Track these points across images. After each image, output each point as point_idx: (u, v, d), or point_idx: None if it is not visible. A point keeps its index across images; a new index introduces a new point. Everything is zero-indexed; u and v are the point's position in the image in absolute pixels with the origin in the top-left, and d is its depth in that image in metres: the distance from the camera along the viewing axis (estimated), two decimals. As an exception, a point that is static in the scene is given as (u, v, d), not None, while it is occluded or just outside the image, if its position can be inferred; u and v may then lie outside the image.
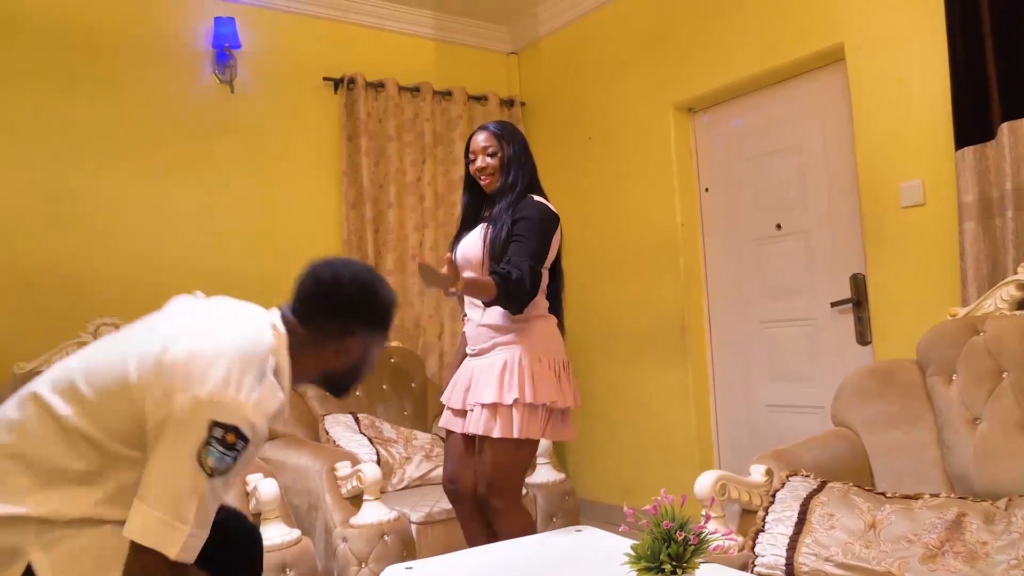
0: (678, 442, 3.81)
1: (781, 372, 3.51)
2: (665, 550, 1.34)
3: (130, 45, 3.59)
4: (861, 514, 1.85)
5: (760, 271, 3.58)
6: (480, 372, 2.36)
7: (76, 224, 3.42)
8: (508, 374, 2.29)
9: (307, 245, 4.01)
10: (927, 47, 2.79)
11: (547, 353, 2.36)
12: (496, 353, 2.35)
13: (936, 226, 2.80)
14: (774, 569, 1.85)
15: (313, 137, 4.08)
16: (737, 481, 2.05)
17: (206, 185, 3.74)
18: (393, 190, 4.16)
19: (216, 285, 3.68)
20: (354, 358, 1.70)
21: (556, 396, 2.32)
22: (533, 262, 2.26)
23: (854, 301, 3.17)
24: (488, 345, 2.38)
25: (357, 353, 1.69)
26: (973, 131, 2.60)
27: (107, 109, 3.52)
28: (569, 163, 4.44)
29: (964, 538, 1.71)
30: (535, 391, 2.27)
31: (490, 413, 2.29)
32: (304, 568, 2.39)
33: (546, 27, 4.54)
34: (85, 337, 2.97)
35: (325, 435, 3.25)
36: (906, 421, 2.26)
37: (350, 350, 1.68)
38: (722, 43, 3.53)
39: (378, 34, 4.33)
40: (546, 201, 2.45)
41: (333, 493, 2.75)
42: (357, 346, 1.69)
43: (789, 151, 3.44)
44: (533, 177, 2.51)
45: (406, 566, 1.84)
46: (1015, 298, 2.25)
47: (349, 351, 1.68)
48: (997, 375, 2.12)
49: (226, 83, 3.81)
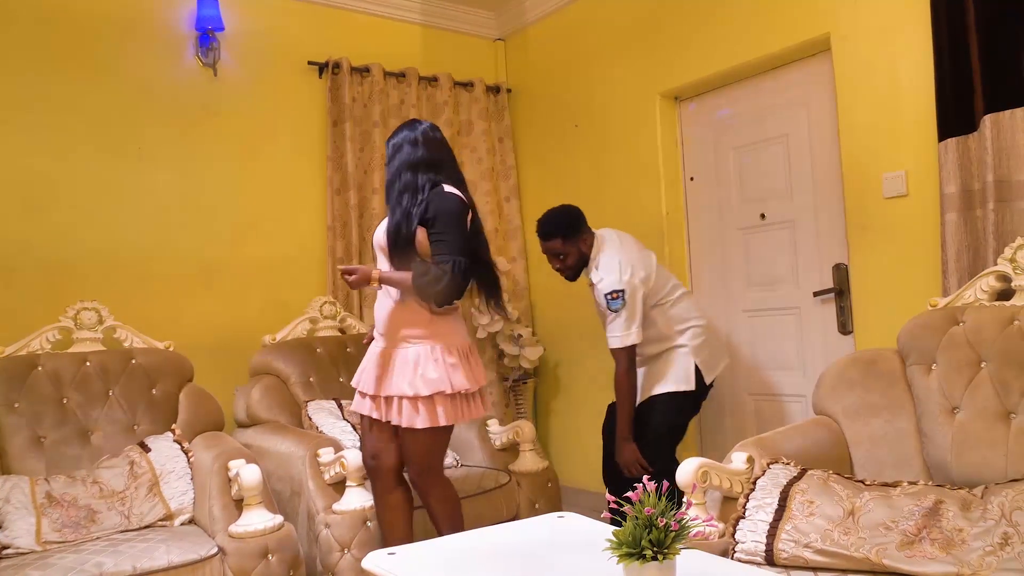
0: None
1: (764, 361, 3.53)
2: (646, 536, 1.35)
3: (111, 26, 3.54)
4: (840, 501, 1.87)
5: (744, 260, 3.60)
6: (396, 363, 2.49)
7: (56, 208, 3.37)
8: (424, 366, 2.45)
9: (290, 230, 3.99)
10: (912, 39, 2.80)
11: (456, 343, 2.52)
12: (412, 346, 2.49)
13: (918, 217, 2.82)
14: (754, 555, 1.87)
15: (297, 122, 4.05)
16: (719, 468, 2.07)
17: (188, 169, 3.70)
18: (378, 176, 4.13)
19: (198, 269, 3.69)
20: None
21: (469, 383, 2.50)
22: (459, 257, 2.40)
23: (836, 291, 3.19)
24: (401, 335, 2.50)
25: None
26: (956, 123, 2.62)
27: (87, 91, 3.47)
28: (555, 150, 4.43)
29: (941, 525, 1.73)
30: (451, 381, 2.45)
31: (411, 406, 2.45)
32: (286, 554, 2.39)
33: (533, 14, 4.52)
34: (65, 322, 2.94)
35: (308, 421, 3.24)
36: (886, 410, 2.28)
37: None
38: (709, 32, 3.53)
39: (364, 18, 4.29)
40: (455, 190, 2.51)
41: (316, 479, 2.74)
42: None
43: (774, 141, 3.45)
44: (438, 165, 2.55)
45: (388, 552, 1.84)
46: (995, 289, 2.27)
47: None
48: (976, 365, 2.15)
49: (209, 66, 3.77)
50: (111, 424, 2.82)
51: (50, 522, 2.36)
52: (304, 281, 3.98)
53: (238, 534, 2.35)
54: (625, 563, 1.37)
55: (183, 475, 2.63)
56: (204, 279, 3.72)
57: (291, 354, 3.46)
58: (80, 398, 2.81)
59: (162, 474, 2.61)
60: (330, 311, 3.72)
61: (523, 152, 4.69)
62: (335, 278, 3.99)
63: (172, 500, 2.57)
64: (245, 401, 3.31)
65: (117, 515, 2.47)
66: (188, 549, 2.28)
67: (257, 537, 2.35)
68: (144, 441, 2.72)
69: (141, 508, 2.51)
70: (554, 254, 3.11)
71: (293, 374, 3.40)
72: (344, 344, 3.63)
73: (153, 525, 2.51)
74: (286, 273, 3.94)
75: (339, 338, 3.66)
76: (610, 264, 3.01)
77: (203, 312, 3.68)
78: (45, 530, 2.33)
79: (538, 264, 4.52)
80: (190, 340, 3.44)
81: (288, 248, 3.97)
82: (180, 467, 2.65)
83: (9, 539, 2.29)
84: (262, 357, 3.46)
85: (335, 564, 2.58)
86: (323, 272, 4.05)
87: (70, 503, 2.43)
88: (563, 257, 3.10)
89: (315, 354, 3.51)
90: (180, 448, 2.71)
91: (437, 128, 2.63)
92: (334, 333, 3.70)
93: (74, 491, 2.47)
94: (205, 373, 3.24)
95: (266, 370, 3.43)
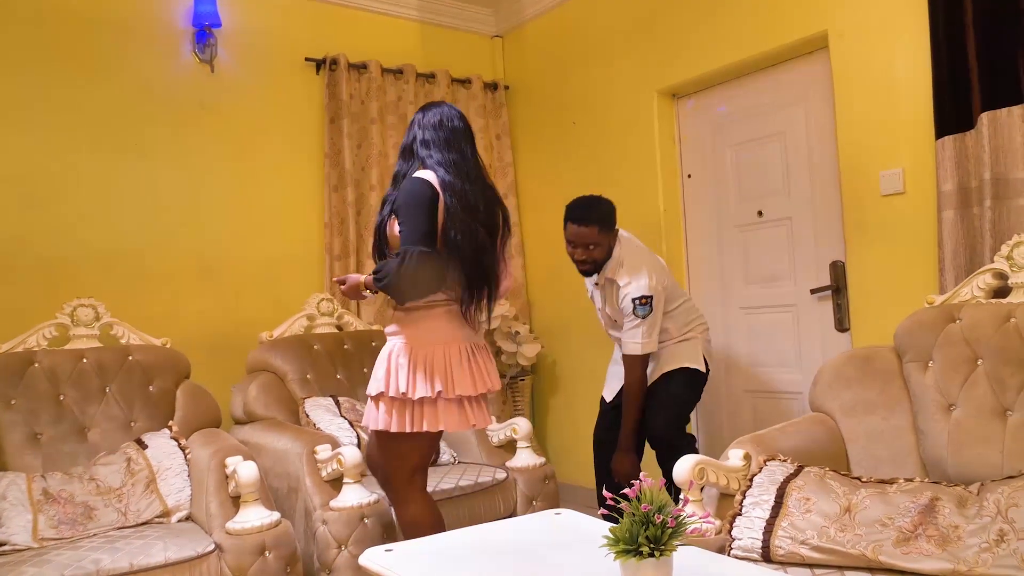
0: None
1: (761, 358, 3.54)
2: (643, 533, 1.35)
3: (107, 23, 3.53)
4: (837, 498, 1.87)
5: (741, 258, 3.60)
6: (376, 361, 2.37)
7: (52, 205, 3.36)
8: (388, 365, 2.28)
9: (288, 227, 3.98)
10: (910, 36, 2.80)
11: (432, 343, 2.28)
12: (388, 342, 2.36)
13: (915, 214, 2.82)
14: (750, 552, 1.87)
15: (295, 118, 4.04)
16: (716, 465, 2.07)
17: (185, 165, 3.70)
18: (375, 173, 4.13)
19: (196, 266, 3.69)
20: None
21: (418, 389, 2.23)
22: (413, 247, 2.16)
23: (833, 288, 3.19)
24: (386, 331, 2.41)
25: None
26: (953, 120, 2.62)
27: (84, 88, 3.46)
28: (552, 148, 4.43)
29: (937, 522, 1.73)
30: (394, 384, 2.25)
31: (373, 404, 2.32)
32: (283, 550, 2.39)
33: (531, 10, 4.51)
34: (62, 318, 2.93)
35: (305, 418, 3.24)
36: (883, 407, 2.28)
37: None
38: (707, 29, 3.53)
39: (361, 15, 4.28)
40: (423, 174, 2.28)
41: (313, 476, 2.74)
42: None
43: (772, 138, 3.45)
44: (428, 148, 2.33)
45: (386, 548, 1.84)
46: (991, 286, 2.27)
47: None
48: (972, 362, 2.15)
49: (206, 62, 3.76)
50: (108, 421, 2.82)
51: (47, 519, 2.36)
52: (301, 278, 3.98)
53: (235, 531, 2.35)
54: (622, 560, 1.37)
55: (180, 472, 2.63)
56: (201, 276, 3.71)
57: (288, 351, 3.45)
58: (77, 395, 2.80)
59: (159, 471, 2.60)
60: (327, 308, 3.72)
61: (520, 149, 4.69)
62: (332, 274, 3.99)
63: (169, 497, 2.57)
64: (242, 398, 3.31)
65: (114, 512, 2.46)
66: (185, 546, 2.27)
67: (254, 534, 2.35)
68: (141, 438, 2.72)
69: (138, 505, 2.51)
70: (584, 243, 2.94)
71: (290, 371, 3.40)
72: (342, 341, 3.63)
73: (150, 522, 2.51)
74: (283, 270, 3.94)
75: (336, 335, 3.66)
76: (639, 268, 2.93)
77: (200, 309, 3.68)
78: (42, 527, 2.33)
79: (536, 260, 4.52)
80: (187, 337, 3.44)
81: (285, 245, 3.96)
82: (177, 464, 2.65)
83: (6, 536, 2.28)
84: (259, 354, 3.45)
85: (332, 561, 2.58)
86: (321, 269, 4.04)
87: (67, 500, 2.43)
88: (592, 248, 2.94)
89: (312, 351, 3.51)
90: (177, 445, 2.71)
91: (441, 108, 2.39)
92: (331, 330, 3.69)
93: (71, 488, 2.47)
94: (202, 370, 3.24)
95: (263, 367, 3.42)
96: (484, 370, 2.37)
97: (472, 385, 2.32)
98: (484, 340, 2.48)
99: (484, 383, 2.36)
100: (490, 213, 2.37)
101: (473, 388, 2.32)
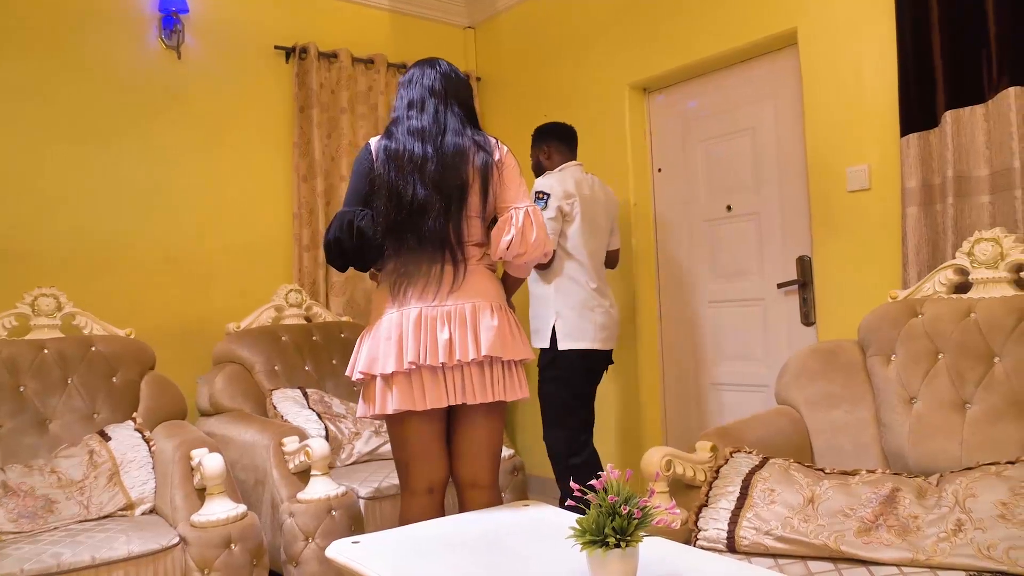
0: (627, 419, 3.86)
1: (728, 351, 3.57)
2: (610, 524, 1.36)
3: (71, 7, 3.45)
4: (800, 489, 1.90)
5: (710, 252, 3.63)
6: None
7: (13, 193, 3.29)
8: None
9: (256, 217, 3.93)
10: (877, 35, 2.84)
11: (377, 317, 2.20)
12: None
13: (881, 210, 2.87)
14: (716, 543, 1.90)
15: (263, 107, 3.99)
16: (683, 457, 2.09)
17: (151, 154, 3.63)
18: (345, 163, 4.10)
19: (162, 256, 3.63)
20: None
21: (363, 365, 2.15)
22: (338, 213, 2.18)
23: (800, 283, 3.23)
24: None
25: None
26: (918, 118, 2.66)
27: (47, 75, 3.38)
28: (524, 140, 4.41)
29: (897, 512, 1.77)
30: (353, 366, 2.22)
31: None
32: (250, 543, 2.37)
33: (504, 2, 4.50)
34: (22, 308, 2.87)
35: (273, 410, 3.21)
36: (847, 400, 2.32)
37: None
38: (679, 24, 3.55)
39: (332, 3, 4.23)
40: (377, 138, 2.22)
41: (280, 468, 2.72)
42: None
43: (741, 133, 3.48)
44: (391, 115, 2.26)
45: (352, 540, 1.83)
46: (953, 282, 2.32)
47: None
48: (933, 356, 2.19)
49: (173, 49, 3.70)
50: (70, 412, 2.77)
51: (6, 512, 2.31)
52: (270, 268, 3.94)
53: (200, 523, 2.32)
54: (588, 551, 1.38)
55: (144, 464, 2.59)
56: (167, 266, 3.66)
57: (256, 342, 3.42)
58: (37, 386, 2.75)
59: (122, 463, 2.57)
60: (296, 299, 3.68)
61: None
62: (301, 265, 3.96)
63: (133, 489, 2.53)
64: (208, 390, 3.27)
65: (76, 505, 2.42)
66: (149, 539, 2.24)
67: (220, 527, 2.33)
68: (104, 430, 2.68)
69: (101, 498, 2.47)
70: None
71: (258, 362, 3.37)
72: (310, 332, 3.60)
73: (113, 515, 2.47)
74: (251, 260, 3.89)
75: (305, 326, 3.63)
76: (552, 176, 3.27)
77: (166, 300, 3.62)
78: (0, 520, 2.29)
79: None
80: (153, 328, 3.39)
81: (253, 235, 3.92)
82: (141, 456, 2.61)
83: (-37, 529, 2.24)
84: (226, 345, 3.41)
85: (299, 553, 2.56)
86: (289, 260, 4.01)
87: (27, 493, 2.38)
88: (531, 157, 3.44)
89: (280, 342, 3.47)
90: (141, 437, 2.67)
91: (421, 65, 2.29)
92: (300, 321, 3.66)
93: (31, 480, 2.42)
94: (168, 361, 3.20)
95: (230, 358, 3.39)
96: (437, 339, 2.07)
97: (398, 359, 2.07)
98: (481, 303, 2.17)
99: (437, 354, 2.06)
100: (450, 169, 2.15)
101: (399, 363, 2.07)
